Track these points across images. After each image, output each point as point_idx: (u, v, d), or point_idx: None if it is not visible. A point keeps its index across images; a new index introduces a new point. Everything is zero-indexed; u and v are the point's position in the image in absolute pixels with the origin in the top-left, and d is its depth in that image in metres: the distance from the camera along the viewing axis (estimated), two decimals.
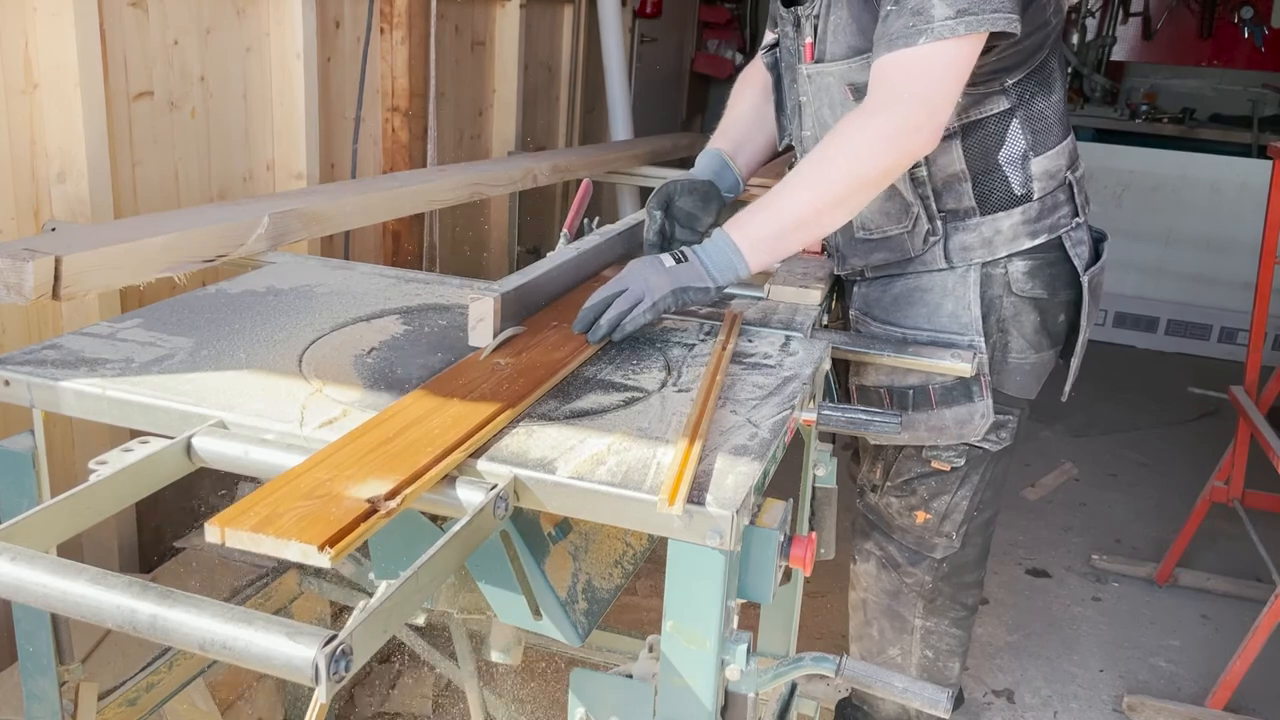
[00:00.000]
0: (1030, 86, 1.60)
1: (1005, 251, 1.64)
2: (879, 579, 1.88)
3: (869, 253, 1.73)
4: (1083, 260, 1.68)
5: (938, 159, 1.61)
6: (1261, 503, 2.88)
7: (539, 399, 1.21)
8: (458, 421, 1.09)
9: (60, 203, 1.89)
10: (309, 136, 2.48)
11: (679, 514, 0.97)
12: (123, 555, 2.08)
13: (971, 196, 1.63)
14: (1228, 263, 4.99)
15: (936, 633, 1.88)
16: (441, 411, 1.12)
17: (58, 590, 0.82)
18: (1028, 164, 1.62)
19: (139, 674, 1.57)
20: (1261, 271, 2.69)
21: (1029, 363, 1.70)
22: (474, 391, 1.19)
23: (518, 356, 1.32)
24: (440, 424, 1.08)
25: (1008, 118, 1.60)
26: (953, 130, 1.59)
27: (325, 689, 0.75)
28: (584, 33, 4.18)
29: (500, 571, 1.21)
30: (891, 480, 1.80)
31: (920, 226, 1.65)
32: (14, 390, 1.19)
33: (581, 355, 1.34)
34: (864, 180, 1.43)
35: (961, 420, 1.68)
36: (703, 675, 1.03)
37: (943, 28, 1.38)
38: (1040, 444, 3.96)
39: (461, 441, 1.04)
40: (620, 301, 1.39)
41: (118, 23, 1.98)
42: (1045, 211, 1.64)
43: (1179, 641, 2.76)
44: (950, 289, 1.66)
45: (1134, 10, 5.91)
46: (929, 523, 1.79)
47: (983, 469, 1.76)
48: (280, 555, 0.83)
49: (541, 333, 1.42)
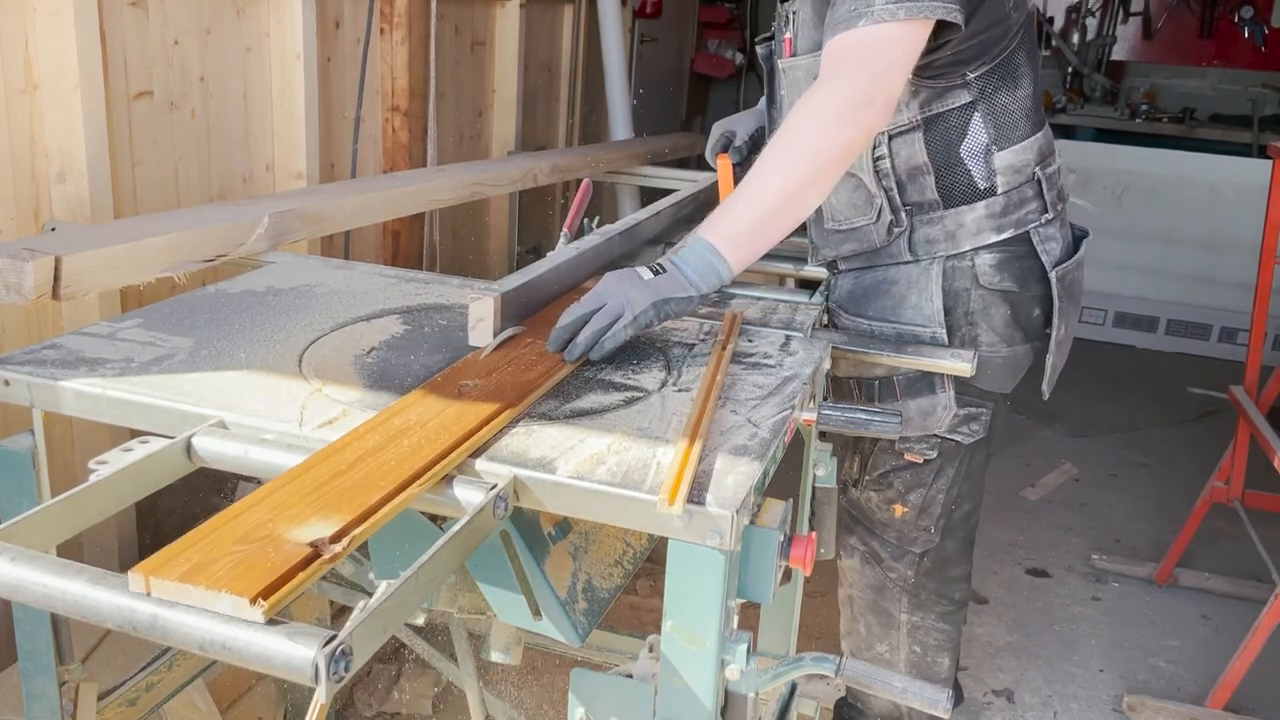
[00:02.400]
0: (993, 81, 1.61)
1: (969, 245, 1.65)
2: (863, 574, 1.90)
3: (839, 243, 1.75)
4: (1052, 257, 1.67)
5: (901, 151, 1.63)
6: (1261, 503, 2.88)
7: (537, 400, 1.21)
8: (415, 452, 1.02)
9: (60, 203, 1.89)
10: (309, 136, 2.48)
11: (679, 514, 0.97)
12: (123, 555, 2.08)
13: (935, 190, 1.64)
14: (1228, 263, 4.99)
15: (923, 628, 1.89)
16: (398, 442, 1.05)
17: (58, 590, 0.82)
18: (990, 158, 1.62)
19: (139, 674, 1.57)
20: (1261, 271, 2.69)
21: (1000, 356, 1.70)
22: (434, 421, 1.10)
23: (487, 377, 1.24)
24: (396, 455, 1.02)
25: (969, 111, 1.61)
26: (915, 123, 1.61)
27: (325, 689, 0.75)
28: (584, 33, 4.18)
29: (500, 571, 1.21)
30: (869, 474, 1.82)
31: (884, 218, 1.67)
32: (14, 390, 1.19)
33: (555, 377, 1.27)
34: (828, 156, 1.42)
35: (925, 412, 1.69)
36: (703, 675, 1.03)
37: (882, 11, 1.41)
38: (1040, 444, 3.96)
39: (417, 476, 0.98)
40: (598, 318, 1.33)
41: (118, 23, 1.98)
42: (1011, 206, 1.65)
43: (1179, 641, 2.76)
44: (914, 281, 1.68)
45: (1134, 10, 5.90)
46: (907, 516, 1.80)
47: (957, 462, 1.77)
48: (211, 608, 0.77)
49: (516, 349, 1.35)
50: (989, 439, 1.78)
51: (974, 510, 1.87)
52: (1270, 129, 5.48)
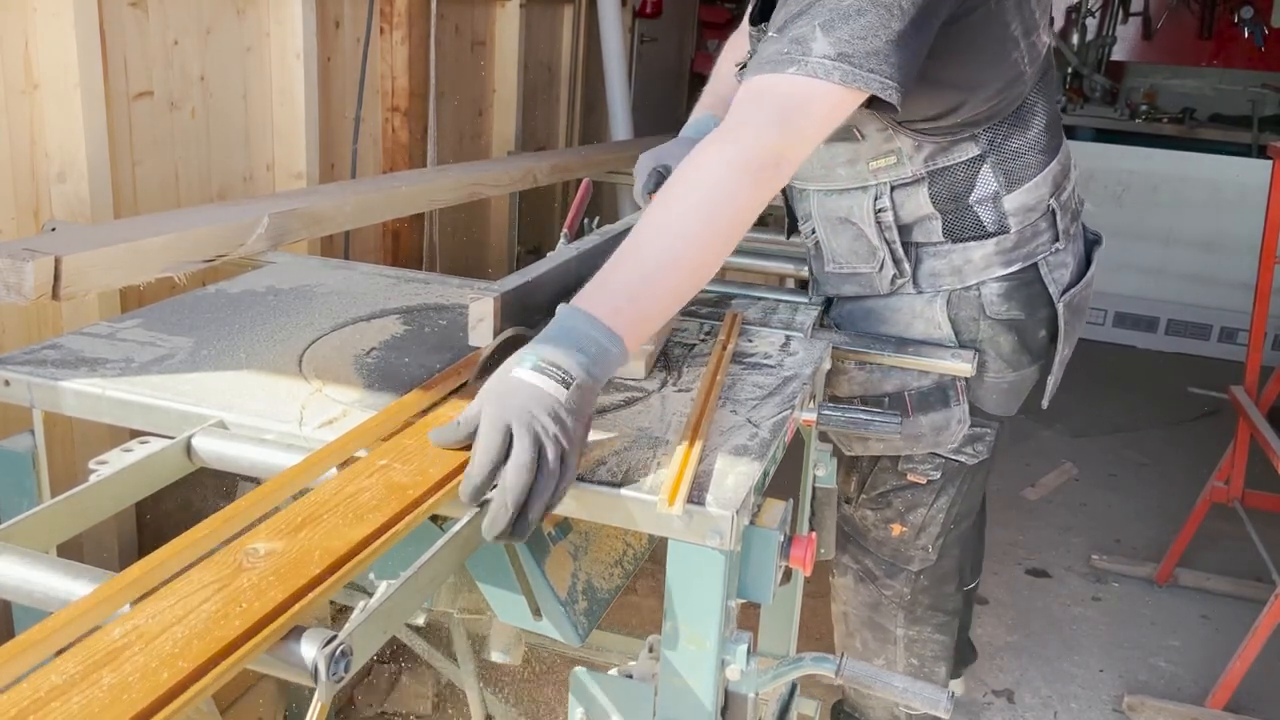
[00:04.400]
0: (1003, 130, 1.52)
1: (975, 280, 1.59)
2: (857, 592, 1.85)
3: (840, 284, 1.69)
4: (1060, 285, 1.61)
5: (905, 204, 1.55)
6: (1261, 503, 2.88)
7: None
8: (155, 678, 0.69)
9: (60, 203, 1.89)
10: (309, 136, 2.48)
11: (679, 514, 0.97)
12: (123, 555, 2.08)
13: (941, 232, 1.57)
14: (1228, 263, 4.99)
15: (920, 640, 1.85)
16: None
17: (58, 590, 0.82)
18: (1000, 203, 1.55)
19: None
20: (1261, 271, 2.69)
21: (1007, 381, 1.65)
22: (194, 613, 0.75)
23: (291, 537, 0.85)
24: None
25: (978, 163, 1.53)
26: (920, 176, 1.53)
27: (325, 689, 0.75)
28: (584, 33, 4.18)
29: (500, 571, 1.21)
30: (866, 493, 1.76)
31: (887, 270, 1.60)
32: (14, 390, 1.19)
33: (383, 543, 0.87)
34: (726, 223, 1.18)
35: (938, 427, 1.63)
36: (703, 675, 1.03)
37: (817, 66, 1.22)
38: (1040, 444, 3.96)
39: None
40: (514, 473, 0.95)
41: (118, 23, 1.98)
42: (1023, 241, 1.58)
43: (1179, 641, 2.76)
44: (919, 311, 1.62)
45: (1134, 10, 5.90)
46: (905, 536, 1.75)
47: (959, 482, 1.71)
48: None
49: (347, 488, 0.94)
50: (992, 459, 1.73)
51: (971, 527, 1.83)
52: (1270, 129, 5.48)
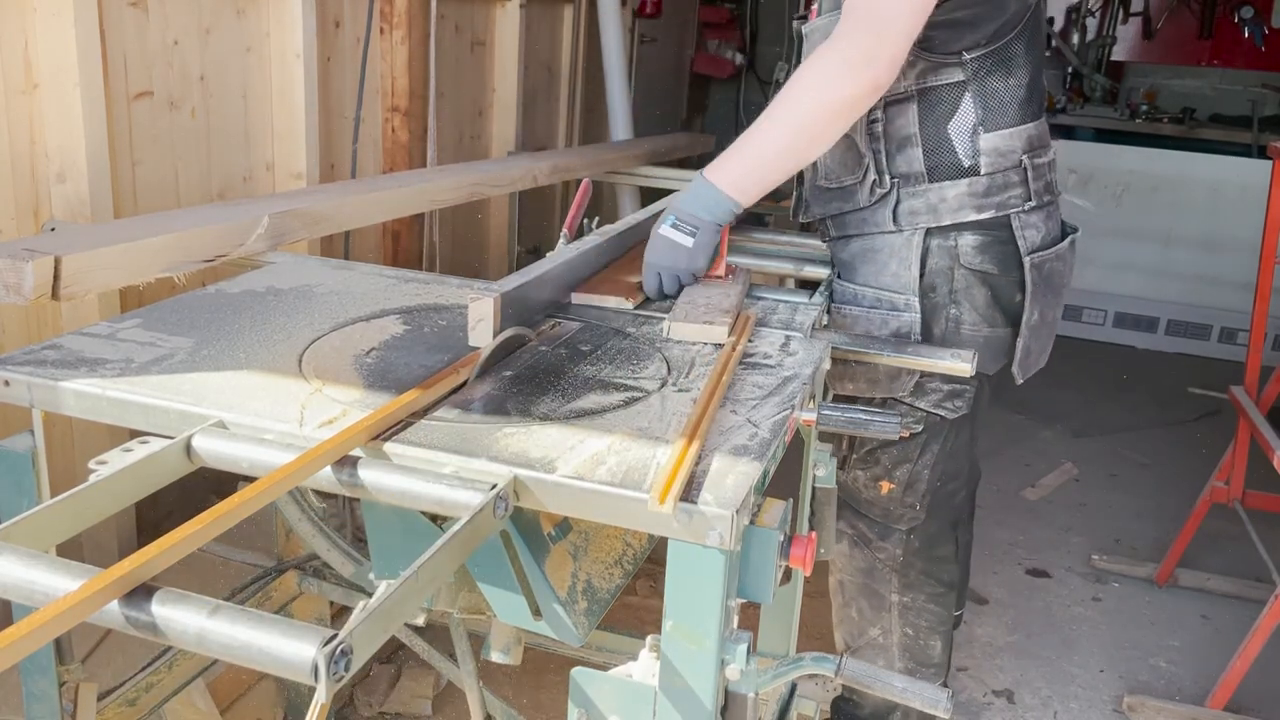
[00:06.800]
0: (987, 64, 1.69)
1: (950, 220, 1.73)
2: (852, 558, 1.96)
3: (828, 201, 1.86)
4: (1029, 244, 1.75)
5: (895, 119, 1.72)
6: (1261, 503, 2.88)
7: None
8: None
9: (60, 203, 1.89)
10: (309, 136, 2.48)
11: (669, 513, 0.97)
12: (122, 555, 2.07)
13: (921, 163, 1.73)
14: (1228, 263, 4.99)
15: (914, 609, 1.94)
16: None
17: (57, 590, 0.82)
18: (976, 138, 1.70)
19: (139, 674, 1.57)
20: (1261, 272, 2.69)
21: (982, 336, 1.79)
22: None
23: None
24: None
25: (960, 89, 1.69)
26: (910, 93, 1.70)
27: (325, 689, 0.75)
28: (584, 33, 4.18)
29: (500, 571, 1.21)
30: (856, 452, 1.90)
31: (869, 178, 1.76)
32: (14, 390, 1.19)
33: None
34: (831, 110, 1.54)
35: (892, 375, 1.79)
36: (703, 675, 1.03)
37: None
38: (1040, 444, 3.96)
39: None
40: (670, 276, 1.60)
41: (118, 23, 1.98)
42: (994, 189, 1.72)
43: (1179, 642, 2.76)
44: (896, 250, 1.77)
45: (1134, 10, 5.90)
46: (893, 493, 1.88)
47: (942, 437, 1.85)
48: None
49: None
50: (973, 416, 1.87)
51: (959, 490, 1.95)
52: (1270, 129, 5.48)
